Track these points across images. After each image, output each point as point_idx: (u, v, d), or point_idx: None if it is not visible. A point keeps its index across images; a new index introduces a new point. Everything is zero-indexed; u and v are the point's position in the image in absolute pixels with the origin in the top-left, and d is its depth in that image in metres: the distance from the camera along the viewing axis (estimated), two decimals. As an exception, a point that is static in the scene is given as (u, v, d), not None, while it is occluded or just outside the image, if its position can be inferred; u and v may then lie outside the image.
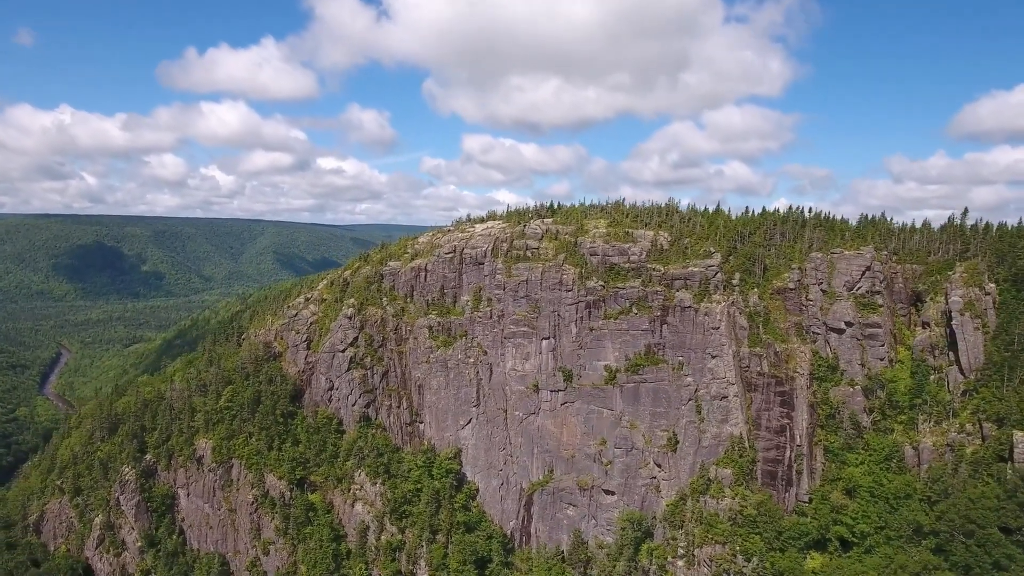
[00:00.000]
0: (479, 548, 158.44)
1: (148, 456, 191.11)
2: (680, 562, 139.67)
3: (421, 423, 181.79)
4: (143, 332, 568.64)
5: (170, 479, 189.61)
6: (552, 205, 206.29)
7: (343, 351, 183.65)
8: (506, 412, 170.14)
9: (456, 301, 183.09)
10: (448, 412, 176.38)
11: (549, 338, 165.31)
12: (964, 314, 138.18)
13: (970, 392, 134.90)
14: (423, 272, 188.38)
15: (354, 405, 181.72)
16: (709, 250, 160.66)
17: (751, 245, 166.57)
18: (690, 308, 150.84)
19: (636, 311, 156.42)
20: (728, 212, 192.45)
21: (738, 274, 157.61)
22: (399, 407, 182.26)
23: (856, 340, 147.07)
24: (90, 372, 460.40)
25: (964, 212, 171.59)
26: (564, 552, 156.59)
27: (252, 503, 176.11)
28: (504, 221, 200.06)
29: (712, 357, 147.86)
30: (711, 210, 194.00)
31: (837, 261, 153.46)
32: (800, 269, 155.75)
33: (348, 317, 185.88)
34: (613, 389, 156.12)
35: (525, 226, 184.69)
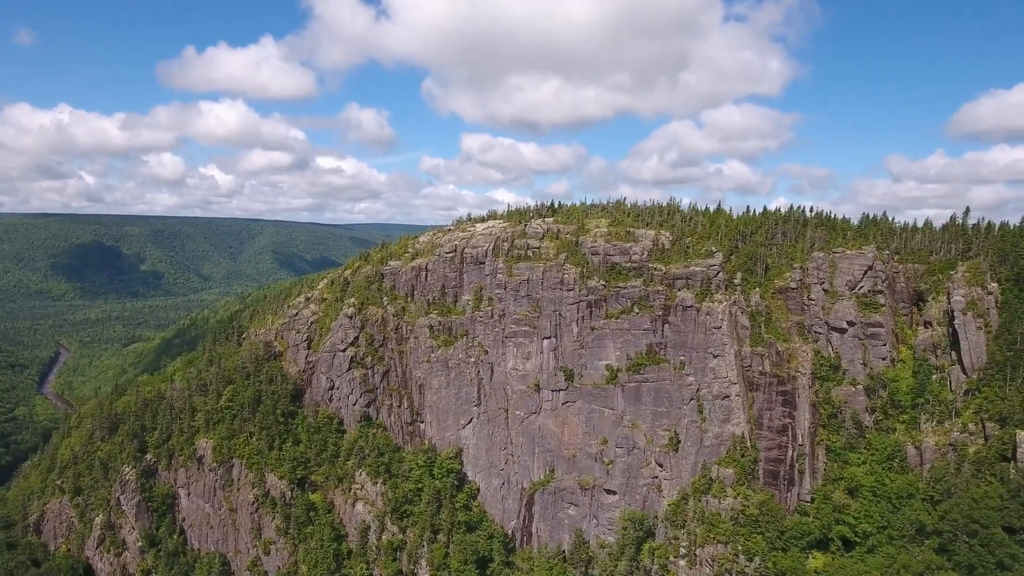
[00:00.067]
0: (480, 548, 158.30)
1: (148, 456, 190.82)
2: (682, 562, 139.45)
3: (422, 423, 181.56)
4: (142, 331, 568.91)
5: (171, 479, 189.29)
6: (553, 204, 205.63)
7: (344, 350, 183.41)
8: (507, 412, 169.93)
9: (457, 300, 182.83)
10: (449, 412, 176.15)
11: (550, 337, 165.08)
12: (966, 313, 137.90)
13: (972, 392, 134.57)
14: (424, 271, 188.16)
15: (355, 405, 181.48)
16: (711, 249, 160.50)
17: (753, 244, 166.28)
18: (692, 307, 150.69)
19: (638, 310, 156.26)
20: (729, 212, 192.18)
21: (740, 273, 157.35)
22: (400, 407, 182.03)
23: (858, 339, 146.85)
24: (89, 371, 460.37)
25: (966, 211, 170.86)
26: (565, 552, 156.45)
27: (253, 503, 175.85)
28: (505, 220, 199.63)
29: (714, 356, 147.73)
30: (712, 210, 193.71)
31: (839, 260, 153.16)
32: (802, 268, 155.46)
33: (349, 316, 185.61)
34: (614, 389, 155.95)
35: (526, 225, 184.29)
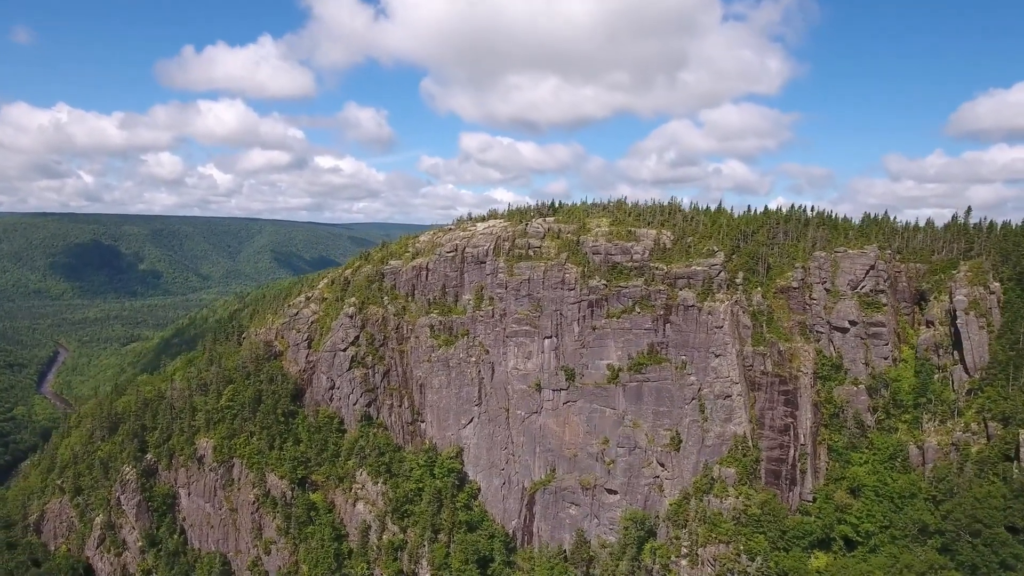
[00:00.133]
0: (481, 547, 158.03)
1: (149, 455, 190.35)
2: (684, 561, 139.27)
3: (423, 422, 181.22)
4: (140, 331, 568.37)
5: (171, 478, 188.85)
6: (553, 204, 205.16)
7: (344, 350, 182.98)
8: (508, 411, 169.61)
9: (458, 300, 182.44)
10: (450, 411, 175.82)
11: (551, 337, 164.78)
12: (969, 313, 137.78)
13: (975, 391, 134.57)
14: (424, 271, 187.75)
15: (355, 404, 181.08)
16: (712, 249, 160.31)
17: (754, 244, 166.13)
18: (693, 307, 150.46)
19: (639, 310, 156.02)
20: (731, 211, 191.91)
21: (741, 273, 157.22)
22: (400, 406, 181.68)
23: (860, 339, 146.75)
24: (87, 371, 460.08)
25: (967, 211, 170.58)
26: (566, 551, 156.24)
27: (253, 502, 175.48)
28: (506, 220, 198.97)
29: (715, 356, 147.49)
30: (713, 209, 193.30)
31: (841, 260, 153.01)
32: (804, 268, 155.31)
33: (349, 316, 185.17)
34: (616, 388, 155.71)
35: (527, 225, 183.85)
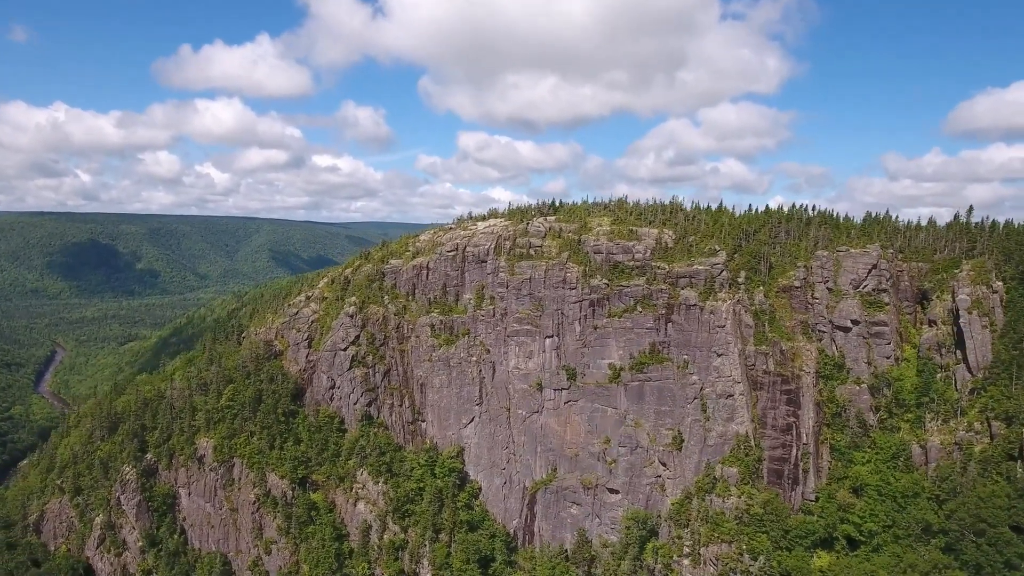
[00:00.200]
0: (482, 547, 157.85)
1: (149, 455, 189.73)
2: (686, 561, 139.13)
3: (423, 422, 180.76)
4: (138, 330, 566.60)
5: (171, 478, 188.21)
6: (554, 203, 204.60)
7: (344, 349, 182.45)
8: (509, 411, 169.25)
9: (458, 299, 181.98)
10: (451, 411, 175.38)
11: (552, 336, 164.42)
12: (972, 312, 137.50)
13: (978, 390, 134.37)
14: (425, 270, 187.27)
15: (356, 404, 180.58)
16: (714, 248, 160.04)
17: (756, 243, 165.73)
18: (695, 306, 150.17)
19: (641, 309, 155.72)
20: (732, 210, 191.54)
21: (743, 272, 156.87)
22: (401, 406, 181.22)
23: (862, 338, 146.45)
24: (85, 370, 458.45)
25: (969, 210, 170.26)
26: (568, 551, 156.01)
27: (254, 502, 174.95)
28: (506, 219, 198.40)
29: (718, 355, 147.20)
30: (713, 208, 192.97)
31: (843, 259, 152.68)
32: (806, 267, 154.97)
33: (349, 315, 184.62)
34: (617, 387, 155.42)
35: (528, 224, 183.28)
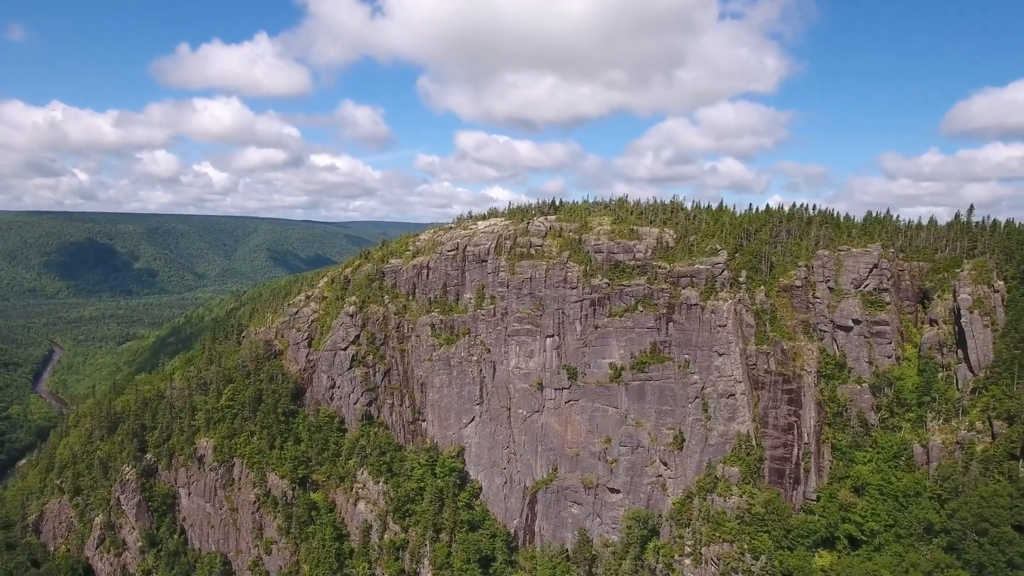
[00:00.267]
0: (483, 547, 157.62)
1: (148, 455, 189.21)
2: (687, 560, 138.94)
3: (424, 421, 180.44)
4: (136, 329, 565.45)
5: (171, 478, 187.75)
6: (554, 202, 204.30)
7: (345, 349, 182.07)
8: (510, 410, 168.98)
9: (459, 299, 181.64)
10: (451, 410, 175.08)
11: (553, 336, 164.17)
12: (973, 311, 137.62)
13: (979, 390, 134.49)
14: (425, 269, 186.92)
15: (356, 403, 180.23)
16: (715, 247, 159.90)
17: (757, 242, 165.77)
18: (696, 306, 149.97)
19: (642, 309, 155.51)
20: (733, 209, 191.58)
21: (744, 271, 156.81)
22: (401, 405, 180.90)
23: (863, 338, 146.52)
24: (83, 370, 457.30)
25: (970, 209, 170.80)
26: (569, 551, 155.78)
27: (254, 502, 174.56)
28: (507, 218, 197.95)
29: (719, 355, 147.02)
30: (713, 207, 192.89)
31: (844, 258, 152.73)
32: (807, 266, 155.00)
33: (350, 315, 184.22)
34: (618, 387, 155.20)
35: (528, 223, 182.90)
